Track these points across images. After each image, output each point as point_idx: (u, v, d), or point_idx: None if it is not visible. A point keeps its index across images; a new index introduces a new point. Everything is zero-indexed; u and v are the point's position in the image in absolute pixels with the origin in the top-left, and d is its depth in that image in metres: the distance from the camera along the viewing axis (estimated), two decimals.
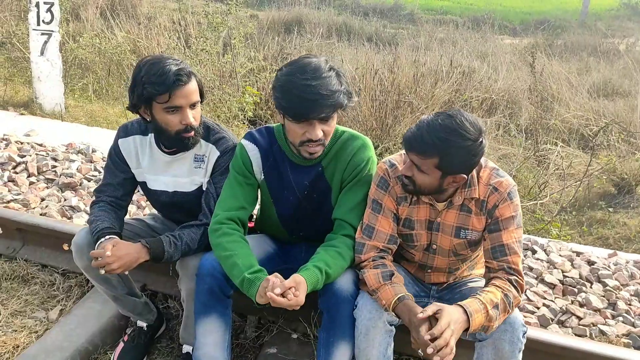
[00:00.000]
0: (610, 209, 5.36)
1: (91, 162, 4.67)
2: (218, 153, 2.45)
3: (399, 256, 2.42)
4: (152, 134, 2.48)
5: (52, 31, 6.38)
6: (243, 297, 2.78)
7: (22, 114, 6.33)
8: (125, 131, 2.55)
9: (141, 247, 2.26)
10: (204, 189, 2.49)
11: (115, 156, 2.55)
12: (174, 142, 2.39)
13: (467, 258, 2.35)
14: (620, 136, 6.54)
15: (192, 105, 2.31)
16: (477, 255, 2.38)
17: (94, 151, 4.87)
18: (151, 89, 2.22)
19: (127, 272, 2.29)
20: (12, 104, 6.71)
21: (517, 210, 2.15)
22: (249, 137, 2.42)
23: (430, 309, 1.95)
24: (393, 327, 2.16)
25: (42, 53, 6.45)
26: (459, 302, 1.98)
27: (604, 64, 10.30)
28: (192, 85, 2.29)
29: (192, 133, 2.35)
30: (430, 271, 2.37)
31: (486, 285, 2.11)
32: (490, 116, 7.47)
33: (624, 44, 12.68)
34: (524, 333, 2.06)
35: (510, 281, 2.07)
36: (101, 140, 5.24)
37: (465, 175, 2.06)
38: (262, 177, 2.42)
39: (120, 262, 2.19)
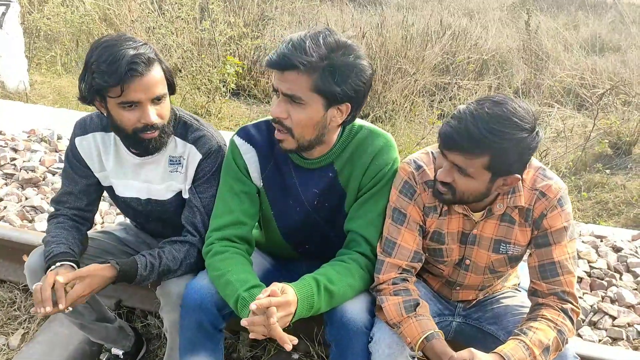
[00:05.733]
0: (607, 171, 5.14)
1: (56, 151, 4.16)
2: (200, 156, 2.00)
3: (423, 269, 2.02)
4: None
5: (9, 1, 5.88)
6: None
7: None
8: (82, 127, 2.09)
9: (110, 268, 1.87)
10: (185, 196, 2.06)
11: (74, 158, 2.10)
12: (132, 143, 1.95)
13: (504, 274, 1.97)
14: (624, 98, 6.23)
15: (157, 99, 1.85)
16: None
17: (59, 138, 4.35)
18: (100, 79, 1.78)
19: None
20: None
21: (569, 220, 1.76)
22: (243, 134, 1.96)
23: (461, 356, 1.60)
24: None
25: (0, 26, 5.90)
26: (497, 350, 1.62)
27: (593, 17, 9.89)
28: (154, 76, 1.83)
29: (156, 133, 1.89)
30: (459, 289, 1.99)
31: (532, 314, 1.74)
32: (482, 78, 7.12)
33: None
34: None
35: (564, 311, 1.70)
36: (68, 124, 4.60)
37: (519, 176, 1.67)
38: (261, 183, 1.98)
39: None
